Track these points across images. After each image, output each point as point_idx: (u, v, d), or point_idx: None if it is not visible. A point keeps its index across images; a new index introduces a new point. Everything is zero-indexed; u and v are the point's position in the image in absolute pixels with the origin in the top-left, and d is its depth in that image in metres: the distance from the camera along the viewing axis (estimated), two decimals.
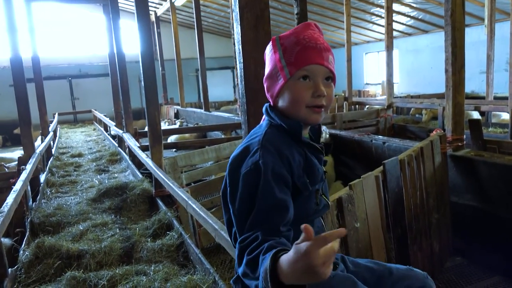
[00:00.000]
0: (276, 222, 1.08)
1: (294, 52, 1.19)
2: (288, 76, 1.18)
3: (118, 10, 8.00)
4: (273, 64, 1.23)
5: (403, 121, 9.35)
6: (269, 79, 1.25)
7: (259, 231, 1.04)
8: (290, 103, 1.20)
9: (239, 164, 1.14)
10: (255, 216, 1.07)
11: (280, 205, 1.10)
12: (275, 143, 1.16)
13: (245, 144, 1.19)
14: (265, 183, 1.08)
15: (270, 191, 1.08)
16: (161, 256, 3.31)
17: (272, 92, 1.24)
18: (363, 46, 17.62)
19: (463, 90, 3.80)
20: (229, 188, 1.15)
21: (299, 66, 1.18)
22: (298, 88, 1.18)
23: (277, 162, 1.12)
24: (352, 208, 2.47)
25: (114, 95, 9.48)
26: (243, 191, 1.11)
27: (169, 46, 14.67)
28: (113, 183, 5.14)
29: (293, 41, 1.21)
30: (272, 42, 1.26)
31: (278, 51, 1.22)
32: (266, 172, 1.09)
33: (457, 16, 3.69)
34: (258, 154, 1.12)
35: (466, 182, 3.57)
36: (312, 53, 1.19)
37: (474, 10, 11.04)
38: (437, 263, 3.37)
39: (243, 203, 1.10)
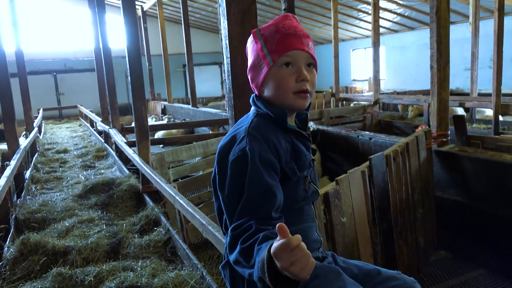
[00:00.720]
0: (267, 207, 1.10)
1: (275, 40, 1.21)
2: (271, 64, 1.21)
3: (103, 4, 7.89)
4: (256, 54, 1.25)
5: (389, 117, 9.44)
6: (252, 70, 1.27)
7: (253, 219, 1.06)
8: (275, 90, 1.22)
9: (227, 152, 1.17)
10: (246, 202, 1.09)
11: (270, 190, 1.12)
12: (261, 130, 1.19)
13: (232, 133, 1.22)
14: (253, 168, 1.11)
15: (258, 177, 1.11)
16: (149, 252, 3.30)
17: (257, 82, 1.26)
18: (350, 43, 17.70)
19: (447, 86, 3.85)
20: (218, 176, 1.18)
21: (281, 53, 1.20)
22: (282, 75, 1.21)
23: (264, 147, 1.15)
24: (338, 203, 2.50)
25: (100, 90, 9.36)
26: (231, 178, 1.14)
27: (156, 41, 14.53)
28: (99, 179, 5.09)
29: (273, 30, 1.23)
30: (252, 34, 1.28)
31: (259, 41, 1.24)
32: (254, 158, 1.12)
33: (442, 13, 3.73)
34: (245, 141, 1.15)
35: (450, 177, 3.63)
36: (292, 40, 1.21)
37: (459, 7, 11.18)
38: (422, 257, 3.42)
39: (232, 189, 1.13)
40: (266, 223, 1.06)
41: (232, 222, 1.10)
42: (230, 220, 1.13)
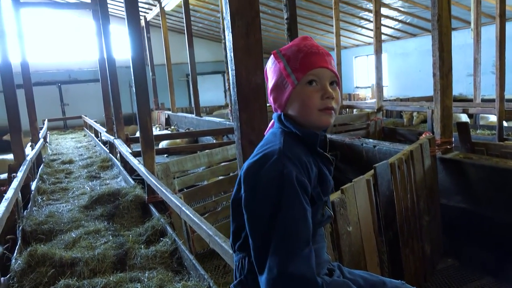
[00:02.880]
0: (306, 233, 1.08)
1: (298, 59, 1.21)
2: (296, 82, 1.21)
3: (108, 15, 7.97)
4: (278, 74, 1.25)
5: (393, 124, 9.45)
6: (275, 90, 1.27)
7: (299, 264, 1.03)
8: (300, 108, 1.21)
9: (257, 172, 1.12)
10: (284, 228, 1.05)
11: (307, 215, 1.10)
12: (294, 151, 1.16)
13: (262, 152, 1.16)
14: (291, 191, 1.08)
15: (297, 201, 1.08)
16: (155, 263, 3.31)
17: (281, 101, 1.26)
18: (353, 50, 17.77)
19: (451, 93, 3.86)
20: (246, 196, 1.13)
21: (305, 71, 1.20)
22: (307, 93, 1.21)
23: (299, 170, 1.12)
24: (344, 212, 2.51)
25: (104, 100, 9.42)
26: (263, 199, 1.09)
27: (159, 51, 14.65)
28: (105, 189, 5.11)
29: (295, 50, 1.24)
30: (274, 55, 1.28)
31: (282, 61, 1.25)
32: (291, 180, 1.08)
33: (443, 21, 3.76)
34: (281, 162, 1.11)
35: (455, 184, 3.63)
36: (316, 58, 1.22)
37: (461, 14, 11.22)
38: (429, 265, 3.41)
39: (262, 211, 1.09)
40: (308, 259, 1.05)
41: (265, 249, 1.07)
42: (255, 241, 1.09)
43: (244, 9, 1.99)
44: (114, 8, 15.79)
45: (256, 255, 1.09)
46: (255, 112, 2.06)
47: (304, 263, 1.04)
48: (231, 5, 1.98)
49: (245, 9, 1.99)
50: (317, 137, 1.23)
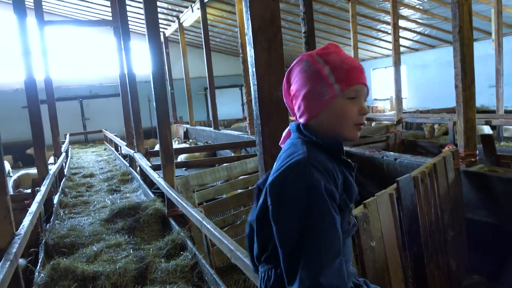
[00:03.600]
0: (337, 244, 1.07)
1: (343, 70, 1.19)
2: (339, 93, 1.18)
3: (128, 32, 8.16)
4: (318, 81, 1.20)
5: (413, 136, 9.31)
6: (309, 97, 1.22)
7: (331, 276, 1.02)
8: (336, 119, 1.20)
9: (284, 183, 1.10)
10: (316, 241, 1.04)
11: (336, 226, 1.08)
12: (319, 159, 1.14)
13: (287, 163, 1.14)
14: (321, 202, 1.06)
15: (327, 211, 1.06)
16: (176, 277, 3.30)
17: (313, 110, 1.22)
18: (370, 62, 17.69)
19: (474, 105, 3.80)
20: (273, 208, 1.11)
21: (350, 85, 1.18)
22: (348, 105, 1.19)
23: (327, 179, 1.11)
24: (367, 226, 2.47)
25: (124, 115, 9.58)
26: (293, 211, 1.07)
27: (178, 66, 14.88)
28: (125, 203, 5.16)
29: (338, 60, 1.21)
30: (309, 59, 1.23)
31: (325, 68, 1.20)
32: (320, 190, 1.06)
33: (465, 32, 3.72)
34: (308, 171, 1.09)
35: (480, 198, 3.54)
36: (359, 74, 1.21)
37: (481, 24, 11.08)
38: (455, 281, 3.32)
39: (292, 222, 1.07)
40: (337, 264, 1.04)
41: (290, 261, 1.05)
42: (285, 253, 1.07)
43: (266, 25, 2.01)
44: (134, 24, 16.14)
45: (287, 266, 1.07)
46: (277, 127, 2.06)
47: (336, 274, 1.03)
48: (253, 22, 2.00)
49: (267, 25, 2.01)
50: (341, 145, 1.24)
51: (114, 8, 8.95)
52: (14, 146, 15.29)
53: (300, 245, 1.04)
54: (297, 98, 1.25)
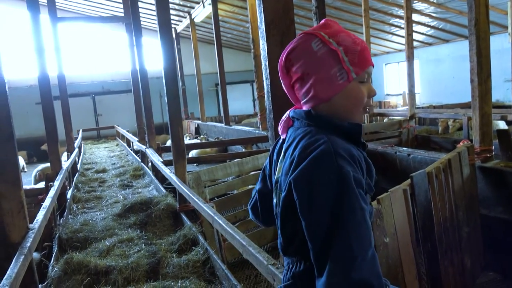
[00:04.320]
0: (368, 237, 1.04)
1: (356, 52, 1.15)
2: (354, 77, 1.14)
3: (140, 28, 8.18)
4: (334, 63, 1.15)
5: (427, 132, 9.20)
6: (323, 80, 1.16)
7: (363, 270, 0.99)
8: (350, 104, 1.17)
9: (311, 176, 1.06)
10: (348, 233, 1.01)
11: (366, 217, 1.05)
12: (345, 149, 1.10)
13: (311, 155, 1.08)
14: (351, 194, 1.03)
15: (358, 203, 1.03)
16: (188, 272, 3.31)
17: (325, 94, 1.16)
18: (383, 57, 17.51)
19: (490, 100, 3.73)
20: (303, 203, 1.07)
21: (364, 68, 1.15)
22: (361, 90, 1.16)
23: (354, 167, 1.07)
24: (381, 222, 2.44)
25: (136, 110, 9.64)
26: (324, 205, 1.03)
27: (189, 62, 14.90)
28: (137, 198, 5.18)
29: (349, 40, 1.16)
30: (319, 36, 1.16)
31: (339, 49, 1.15)
32: (349, 181, 1.03)
33: (481, 25, 3.65)
34: (336, 162, 1.04)
35: (496, 194, 3.48)
36: (369, 55, 1.18)
37: (497, 18, 10.87)
38: (469, 278, 3.27)
39: (323, 217, 1.03)
40: (370, 256, 1.01)
41: (321, 253, 1.02)
42: (316, 246, 1.04)
43: (279, 18, 1.99)
44: (146, 21, 16.19)
45: (317, 260, 1.04)
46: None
47: (369, 268, 1.00)
48: (267, 15, 1.98)
49: (280, 18, 1.99)
50: (361, 127, 1.18)
51: (126, 4, 8.98)
52: (28, 141, 15.51)
53: (331, 239, 1.01)
54: (305, 82, 1.18)
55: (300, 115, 1.21)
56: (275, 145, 1.40)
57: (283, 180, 1.19)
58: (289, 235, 1.21)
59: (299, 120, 1.22)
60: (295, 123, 1.24)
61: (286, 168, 1.16)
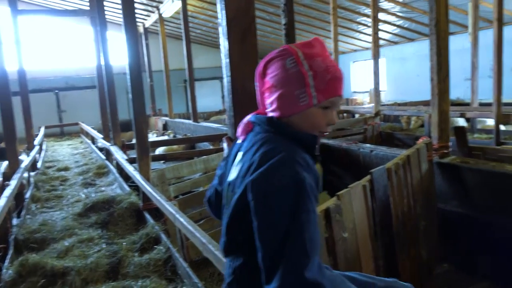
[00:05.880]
0: (319, 241, 1.08)
1: (325, 80, 1.19)
2: (315, 103, 1.19)
3: (105, 22, 7.98)
4: (299, 85, 1.19)
5: (391, 129, 9.42)
6: (285, 97, 1.21)
7: (314, 271, 1.02)
8: (305, 125, 1.22)
9: (269, 180, 1.09)
10: (302, 237, 1.04)
11: (316, 222, 1.10)
12: (303, 157, 1.14)
13: (272, 160, 1.12)
14: (306, 199, 1.07)
15: (312, 208, 1.08)
16: (149, 271, 3.26)
17: (285, 110, 1.22)
18: (350, 55, 17.80)
19: (448, 98, 3.84)
20: (258, 205, 1.10)
21: (328, 97, 1.20)
22: (320, 116, 1.21)
23: (309, 175, 1.11)
24: (340, 218, 2.47)
25: (101, 107, 9.41)
26: (280, 208, 1.06)
27: (158, 57, 14.66)
28: (99, 197, 5.06)
29: (322, 66, 1.19)
30: (295, 58, 1.21)
31: (308, 73, 1.19)
32: (305, 187, 1.07)
33: (441, 25, 3.74)
34: (293, 168, 1.09)
35: (452, 188, 3.60)
36: (339, 85, 1.22)
37: (458, 18, 11.24)
38: (426, 270, 3.37)
39: (278, 220, 1.06)
40: (318, 259, 1.05)
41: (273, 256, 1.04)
42: (268, 249, 1.06)
43: (241, 15, 1.97)
44: (112, 15, 15.81)
45: (267, 263, 1.06)
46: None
47: (318, 270, 1.04)
48: (228, 12, 1.95)
49: (241, 15, 1.97)
50: (316, 139, 1.23)
51: None
52: None
53: (285, 242, 1.03)
54: (272, 93, 1.24)
55: (261, 121, 1.26)
56: (232, 147, 1.42)
57: (238, 182, 1.21)
58: (234, 236, 1.23)
59: (260, 125, 1.26)
60: (255, 129, 1.28)
61: (244, 171, 1.18)
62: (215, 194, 1.49)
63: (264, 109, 1.30)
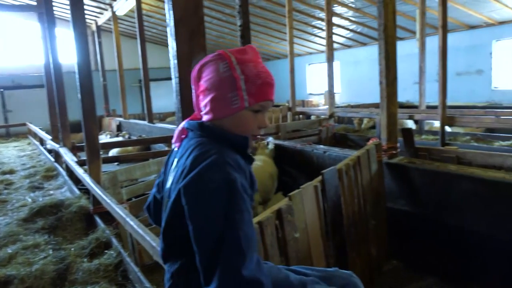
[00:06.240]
0: (255, 239, 1.10)
1: (256, 84, 1.23)
2: (247, 106, 1.23)
3: (53, 18, 7.64)
4: (231, 88, 1.23)
5: (344, 130, 9.68)
6: (218, 100, 1.25)
7: (253, 269, 1.04)
8: (237, 128, 1.26)
9: (201, 182, 1.11)
10: (237, 237, 1.05)
11: (252, 221, 1.12)
12: (232, 157, 1.18)
13: (203, 163, 1.14)
14: (239, 199, 1.09)
15: (245, 207, 1.10)
16: (98, 277, 3.15)
17: (218, 113, 1.25)
18: (306, 57, 18.11)
19: (396, 101, 3.98)
20: (192, 208, 1.11)
21: (259, 100, 1.24)
22: (251, 119, 1.26)
23: (242, 176, 1.15)
24: (291, 218, 2.50)
25: (50, 107, 9.00)
26: (213, 210, 1.08)
27: (111, 56, 14.24)
28: (47, 201, 4.85)
29: (253, 71, 1.24)
30: (228, 62, 1.25)
31: (240, 77, 1.23)
32: (237, 188, 1.10)
33: (389, 30, 3.88)
34: (225, 170, 1.12)
35: (400, 188, 3.74)
36: (270, 90, 1.26)
37: (407, 24, 11.73)
38: (375, 267, 3.48)
39: (212, 221, 1.07)
40: (257, 257, 1.07)
41: (209, 258, 1.05)
42: (204, 251, 1.07)
43: (189, 16, 1.95)
44: (61, 11, 15.20)
45: (204, 264, 1.07)
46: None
47: (257, 268, 1.05)
48: (175, 12, 1.93)
49: (189, 16, 1.95)
50: (248, 141, 1.27)
51: None
52: None
53: (220, 242, 1.05)
54: (206, 96, 1.27)
55: (194, 126, 1.29)
56: (169, 155, 1.45)
57: (173, 188, 1.22)
58: (171, 241, 1.24)
59: (193, 131, 1.30)
60: (189, 134, 1.31)
61: (177, 177, 1.21)
62: (154, 202, 1.51)
63: (199, 112, 1.34)
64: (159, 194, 1.47)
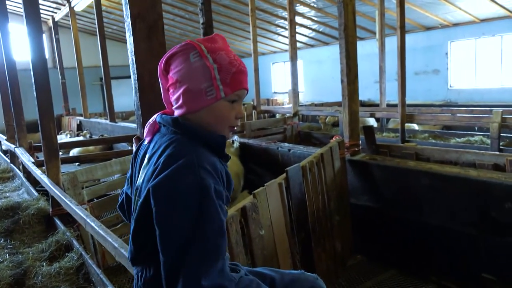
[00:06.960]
0: (223, 248, 1.06)
1: (230, 73, 1.18)
2: (223, 96, 1.18)
3: (6, 12, 7.28)
4: (205, 79, 1.17)
5: (308, 128, 9.81)
6: (191, 92, 1.18)
7: (216, 277, 1.01)
8: (214, 120, 1.20)
9: (173, 185, 1.06)
10: (204, 244, 1.02)
11: (224, 228, 1.08)
12: (207, 159, 1.12)
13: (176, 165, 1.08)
14: (210, 205, 1.05)
15: (216, 214, 1.05)
16: (59, 281, 3.05)
17: (192, 106, 1.19)
18: (270, 56, 18.23)
19: (357, 99, 4.08)
20: (161, 211, 1.06)
21: (234, 89, 1.19)
22: (228, 110, 1.21)
23: (215, 179, 1.10)
24: (256, 216, 2.51)
25: (4, 106, 8.58)
26: (182, 214, 1.03)
27: (70, 54, 13.75)
28: (3, 203, 4.63)
29: (226, 60, 1.19)
30: (199, 51, 1.18)
31: (213, 67, 1.17)
32: (210, 193, 1.05)
33: (349, 30, 3.96)
34: (198, 174, 1.06)
35: (362, 184, 3.83)
36: (244, 78, 1.22)
37: (368, 25, 12.04)
38: (340, 262, 3.56)
39: (181, 226, 1.03)
40: (221, 264, 1.04)
41: (174, 264, 1.01)
42: (169, 256, 1.03)
43: (147, 11, 1.91)
44: (14, 5, 14.54)
45: (168, 272, 1.03)
46: None
47: (219, 274, 1.02)
48: (132, 7, 1.89)
49: (147, 11, 1.92)
50: (225, 140, 1.23)
51: None
52: None
53: (186, 249, 1.01)
54: (177, 88, 1.20)
55: (167, 121, 1.22)
56: (138, 149, 1.36)
57: (144, 186, 1.16)
58: (141, 243, 1.19)
59: (166, 127, 1.22)
60: (162, 129, 1.24)
61: (149, 175, 1.14)
62: (127, 199, 1.43)
63: (170, 107, 1.27)
64: (130, 190, 1.40)
